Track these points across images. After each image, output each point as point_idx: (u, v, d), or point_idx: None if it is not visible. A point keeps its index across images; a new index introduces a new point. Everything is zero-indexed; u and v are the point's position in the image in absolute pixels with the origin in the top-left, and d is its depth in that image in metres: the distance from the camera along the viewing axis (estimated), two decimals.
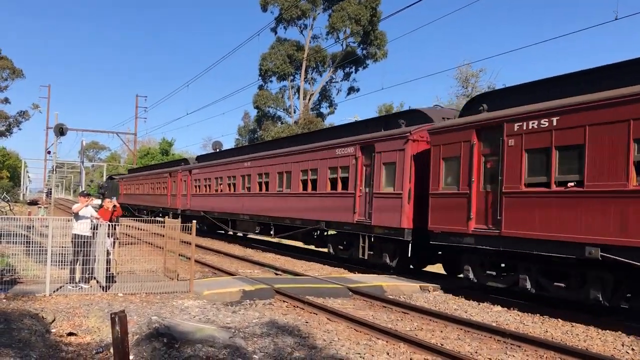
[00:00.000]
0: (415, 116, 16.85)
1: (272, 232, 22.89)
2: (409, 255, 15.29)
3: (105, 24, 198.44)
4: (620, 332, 9.85)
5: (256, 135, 62.98)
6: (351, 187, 17.59)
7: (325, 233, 20.06)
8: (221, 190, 28.68)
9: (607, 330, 10.01)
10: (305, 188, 20.48)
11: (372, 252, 16.80)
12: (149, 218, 40.19)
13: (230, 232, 29.57)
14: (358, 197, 17.24)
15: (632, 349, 8.92)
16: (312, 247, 22.92)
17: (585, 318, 10.73)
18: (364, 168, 17.22)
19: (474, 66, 43.38)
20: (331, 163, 18.75)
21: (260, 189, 23.98)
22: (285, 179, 21.92)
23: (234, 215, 26.59)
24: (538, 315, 11.31)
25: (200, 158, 36.03)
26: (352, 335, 9.31)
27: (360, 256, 17.02)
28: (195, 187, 32.76)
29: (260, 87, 56.49)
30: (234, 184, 27.01)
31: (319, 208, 19.22)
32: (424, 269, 17.31)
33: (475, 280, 13.21)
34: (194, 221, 13.77)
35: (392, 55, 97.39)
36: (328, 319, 10.49)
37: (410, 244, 15.12)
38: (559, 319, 10.92)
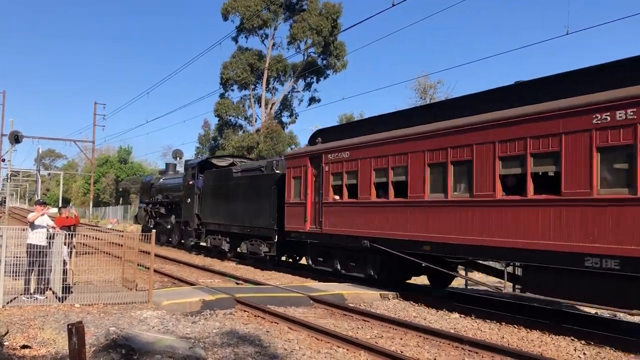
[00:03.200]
0: None
1: None
2: None
3: (63, 30, 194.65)
4: (572, 338, 10.14)
5: (217, 144, 62.61)
6: None
7: None
8: None
9: (561, 336, 10.29)
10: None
11: None
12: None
13: None
14: None
15: (584, 354, 9.20)
16: None
17: (540, 324, 11.01)
18: None
19: (432, 77, 43.99)
20: None
21: None
22: None
23: None
24: (495, 321, 11.56)
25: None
26: (313, 344, 9.34)
27: None
28: None
29: (222, 96, 56.20)
30: None
31: None
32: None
33: None
34: (154, 230, 13.61)
35: (352, 66, 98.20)
36: (289, 328, 10.50)
37: None
38: (515, 326, 11.18)
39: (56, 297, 11.78)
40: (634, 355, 9.13)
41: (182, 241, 28.42)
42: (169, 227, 30.06)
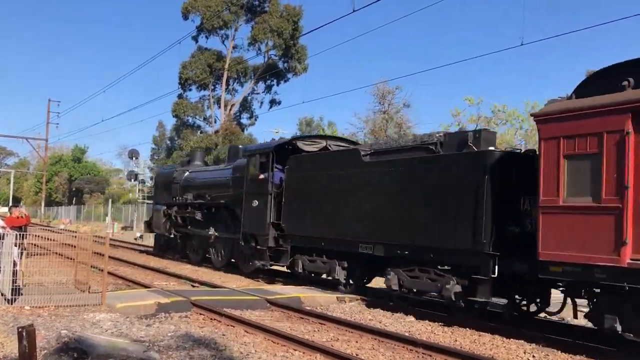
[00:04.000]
0: None
1: None
2: None
3: (17, 25, 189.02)
4: (523, 341, 10.40)
5: (174, 145, 61.93)
6: None
7: None
8: None
9: (512, 339, 10.54)
10: None
11: None
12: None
13: None
14: None
15: (533, 356, 9.47)
16: None
17: (491, 328, 11.27)
18: None
19: (391, 83, 44.56)
20: None
21: None
22: None
23: None
24: (448, 325, 11.77)
25: None
26: (269, 347, 9.35)
27: None
28: None
29: (180, 96, 55.68)
30: None
31: None
32: None
33: None
34: (108, 231, 13.38)
35: (313, 70, 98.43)
36: (245, 331, 10.48)
37: None
38: (468, 329, 11.41)
39: (5, 299, 11.46)
40: None
41: (234, 261, 20.16)
42: (211, 240, 21.07)
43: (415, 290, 13.09)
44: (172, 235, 24.13)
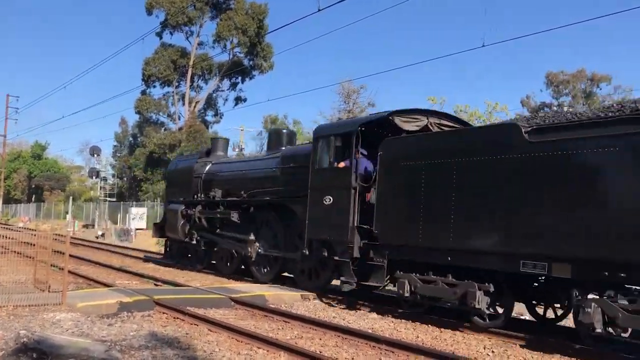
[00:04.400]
0: None
1: None
2: None
3: None
4: (483, 337, 10.65)
5: (137, 142, 61.12)
6: None
7: None
8: None
9: (472, 335, 10.78)
10: None
11: None
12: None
13: None
14: None
15: (492, 352, 9.69)
16: None
17: (452, 324, 11.48)
18: None
19: (356, 83, 44.80)
20: None
21: None
22: None
23: None
24: (410, 321, 11.95)
25: None
26: (233, 346, 9.35)
27: None
28: None
29: (143, 92, 54.99)
30: None
31: None
32: None
33: None
34: (69, 230, 13.15)
35: (279, 68, 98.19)
36: (209, 329, 10.44)
37: None
38: (429, 325, 11.61)
39: None
40: None
41: (289, 275, 16.80)
42: (249, 247, 17.14)
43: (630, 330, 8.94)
44: (194, 241, 19.93)
